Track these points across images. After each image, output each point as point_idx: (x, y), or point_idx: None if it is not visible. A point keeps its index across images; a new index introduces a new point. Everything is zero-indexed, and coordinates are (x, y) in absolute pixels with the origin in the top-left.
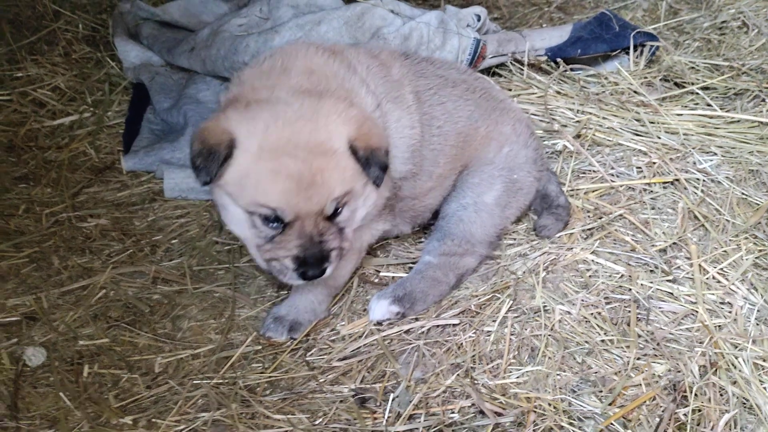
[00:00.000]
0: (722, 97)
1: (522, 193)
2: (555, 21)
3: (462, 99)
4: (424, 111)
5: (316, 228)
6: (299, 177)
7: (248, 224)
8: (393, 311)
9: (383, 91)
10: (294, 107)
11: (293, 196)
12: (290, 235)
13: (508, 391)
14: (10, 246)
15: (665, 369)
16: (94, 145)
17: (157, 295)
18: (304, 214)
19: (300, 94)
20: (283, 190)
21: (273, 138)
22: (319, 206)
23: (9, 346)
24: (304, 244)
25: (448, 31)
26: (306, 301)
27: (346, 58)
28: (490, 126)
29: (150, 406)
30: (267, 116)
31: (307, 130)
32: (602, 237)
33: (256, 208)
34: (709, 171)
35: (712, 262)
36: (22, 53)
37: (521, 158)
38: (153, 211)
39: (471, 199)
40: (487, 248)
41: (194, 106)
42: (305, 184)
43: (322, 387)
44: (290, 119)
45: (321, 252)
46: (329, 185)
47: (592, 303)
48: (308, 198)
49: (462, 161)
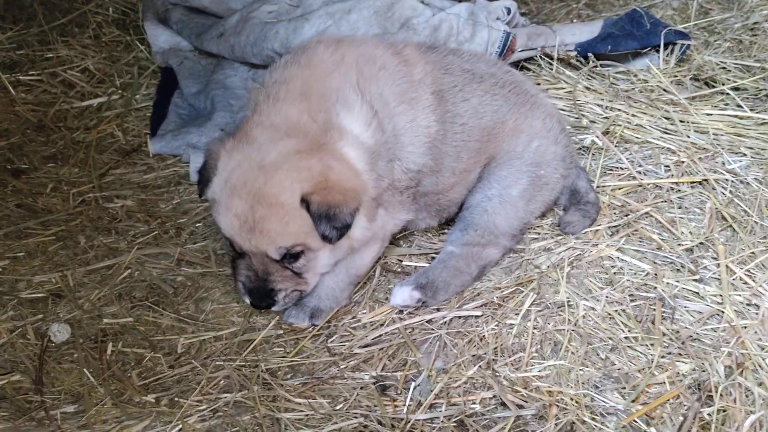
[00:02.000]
0: (753, 98)
1: (548, 188)
2: (583, 17)
3: (489, 94)
4: (447, 109)
5: (262, 266)
6: (244, 219)
7: (223, 241)
8: (415, 297)
9: (395, 92)
10: (261, 154)
11: (237, 233)
12: (242, 264)
13: (530, 385)
14: (38, 224)
15: (690, 368)
16: (122, 128)
17: (181, 276)
18: (251, 252)
19: (275, 141)
20: (230, 225)
21: (235, 177)
22: (260, 251)
23: (35, 321)
24: (250, 276)
25: (478, 23)
26: (327, 289)
27: (354, 65)
28: (519, 119)
29: (172, 385)
30: (240, 157)
31: (262, 180)
32: (628, 234)
33: (222, 231)
34: (737, 172)
35: (740, 263)
36: (53, 34)
37: (549, 154)
38: (178, 194)
39: (497, 191)
40: (509, 240)
41: (222, 91)
42: (247, 228)
43: (343, 373)
44: (253, 166)
45: (264, 289)
46: (271, 235)
47: (616, 300)
48: (249, 240)
49: (486, 154)
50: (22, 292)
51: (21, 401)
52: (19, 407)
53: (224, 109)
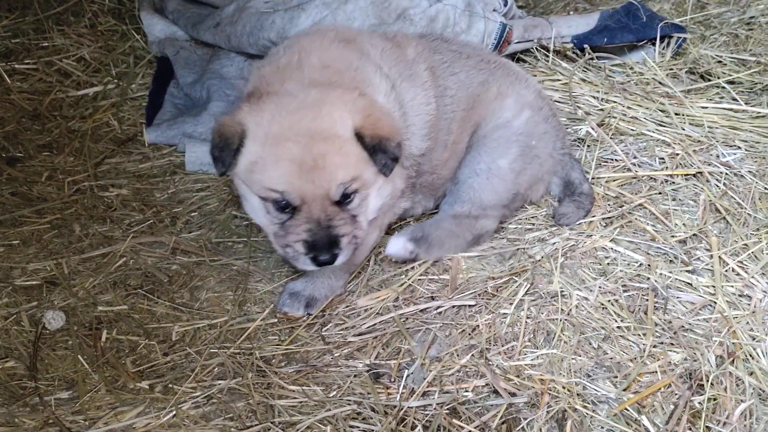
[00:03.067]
0: (748, 91)
1: (538, 162)
2: (580, 10)
3: (475, 69)
4: (439, 84)
5: (323, 212)
6: (301, 161)
7: (263, 211)
8: (408, 249)
9: (397, 71)
10: (299, 98)
11: (296, 179)
12: (299, 219)
13: (522, 373)
14: (33, 212)
15: (681, 357)
16: (118, 117)
17: (176, 265)
18: (310, 198)
19: (308, 87)
20: (286, 173)
21: (276, 126)
22: (323, 190)
23: (29, 309)
24: (313, 228)
25: (475, 14)
26: (323, 277)
27: (360, 45)
28: (503, 86)
29: (167, 372)
30: (273, 107)
31: (309, 117)
32: (622, 225)
33: (266, 194)
34: (732, 164)
35: (732, 254)
36: (48, 23)
37: (541, 129)
38: (173, 184)
39: (485, 164)
40: (500, 210)
41: (218, 81)
42: (307, 168)
43: (337, 361)
44: (293, 108)
45: (329, 236)
46: (331, 169)
47: (609, 290)
48: (311, 181)
49: (472, 121)
50: (17, 280)
51: (15, 387)
52: (13, 393)
53: (220, 99)
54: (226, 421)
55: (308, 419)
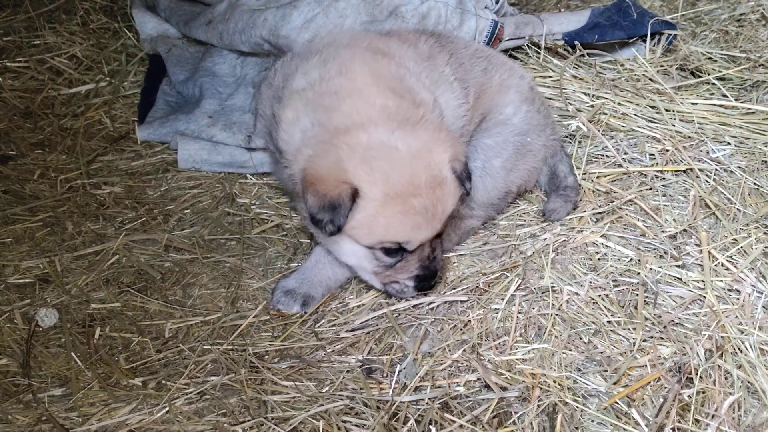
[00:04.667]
0: (738, 88)
1: (530, 155)
2: (571, 7)
3: (474, 57)
4: (457, 77)
5: (431, 249)
6: (424, 211)
7: (368, 258)
8: None
9: (430, 79)
10: (401, 148)
11: (421, 229)
12: (411, 261)
13: (513, 367)
14: (25, 210)
15: (671, 351)
16: (110, 115)
17: (169, 263)
18: (427, 240)
19: (398, 130)
20: (412, 225)
21: (395, 184)
22: (437, 230)
23: (22, 306)
24: (423, 264)
25: (466, 11)
26: (321, 276)
27: (396, 58)
28: (504, 75)
29: (160, 369)
30: (384, 164)
31: (422, 168)
32: (613, 221)
33: (380, 244)
34: (722, 160)
35: (722, 249)
36: (40, 21)
37: (535, 122)
38: (166, 181)
39: (480, 162)
40: (487, 210)
41: (210, 78)
42: (430, 216)
43: (330, 357)
44: (405, 162)
45: (435, 267)
46: (446, 211)
47: (600, 285)
48: (432, 226)
49: (480, 110)
50: (10, 278)
51: (8, 385)
52: (6, 390)
53: (212, 97)
54: (219, 416)
55: (301, 414)
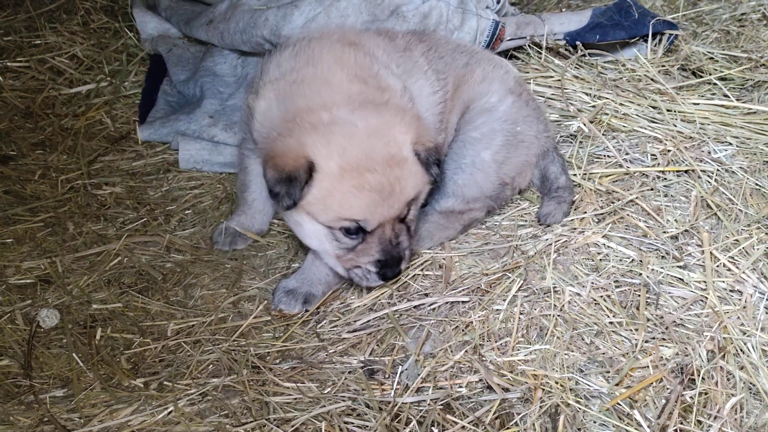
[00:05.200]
0: (739, 88)
1: (523, 147)
2: (572, 7)
3: (457, 52)
4: (433, 68)
5: (393, 232)
6: (381, 188)
7: (328, 238)
8: None
9: (403, 68)
10: (360, 126)
11: (377, 206)
12: (371, 242)
13: (515, 368)
14: (26, 210)
15: (673, 352)
16: (111, 115)
17: (170, 263)
18: (385, 222)
19: (359, 110)
20: (368, 202)
21: (351, 158)
22: (397, 212)
23: (23, 307)
24: (385, 248)
25: (467, 11)
26: (320, 273)
27: (365, 48)
28: (487, 69)
29: (161, 370)
30: (340, 139)
31: (380, 144)
32: (614, 221)
33: (339, 223)
34: (723, 161)
35: (724, 250)
36: (41, 21)
37: (524, 113)
38: (167, 182)
39: (469, 158)
40: (485, 201)
41: (210, 78)
42: (386, 194)
43: (332, 358)
44: (362, 137)
45: (399, 253)
46: (405, 191)
47: (602, 286)
48: (390, 206)
49: (460, 100)
50: (11, 278)
51: (10, 386)
52: (8, 392)
53: (213, 97)
54: (221, 418)
55: (303, 416)
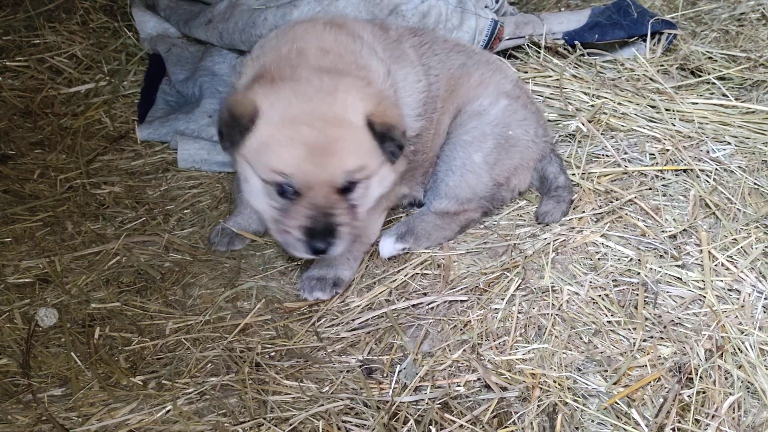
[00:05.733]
0: (738, 87)
1: (516, 151)
2: (571, 6)
3: (453, 51)
4: (423, 62)
5: (325, 199)
6: (313, 144)
7: (264, 195)
8: (398, 247)
9: (388, 54)
10: (314, 83)
11: (306, 162)
12: (301, 205)
13: (513, 367)
14: (25, 210)
15: (671, 351)
16: (110, 114)
17: (169, 263)
18: (315, 184)
19: (320, 72)
20: (297, 155)
21: (292, 109)
22: (330, 176)
23: (22, 306)
24: (314, 215)
25: (466, 10)
26: (343, 259)
27: (350, 29)
28: (485, 74)
29: (160, 369)
30: (289, 91)
31: (325, 102)
32: (613, 221)
33: (271, 176)
34: (722, 160)
35: (722, 249)
36: (40, 20)
37: (520, 116)
38: (166, 181)
39: (460, 160)
40: (479, 202)
41: (209, 78)
42: (318, 152)
43: (330, 357)
44: (310, 93)
45: (328, 224)
46: (341, 155)
47: (600, 285)
48: (321, 166)
49: (454, 103)
50: (9, 277)
51: (8, 384)
52: (6, 390)
53: (212, 96)
54: (220, 417)
55: (301, 414)
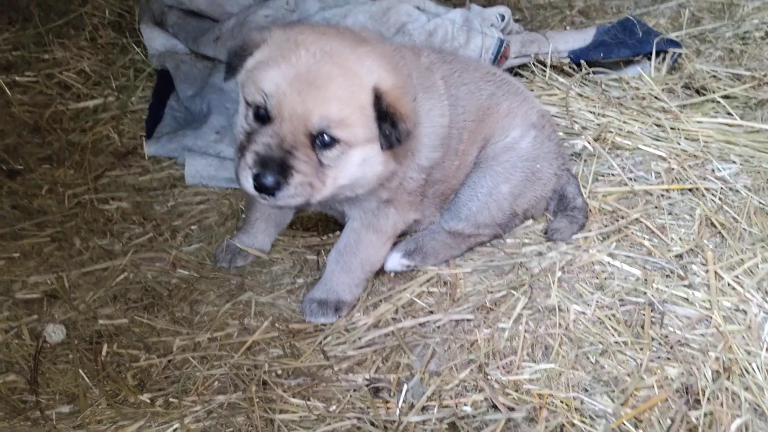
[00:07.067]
0: (743, 106)
1: (540, 183)
2: (576, 25)
3: (483, 80)
4: (451, 93)
5: (292, 135)
6: (302, 69)
7: (243, 118)
8: (404, 264)
9: (420, 81)
10: (339, 31)
11: (286, 83)
12: (266, 130)
13: (520, 387)
14: (33, 225)
15: (678, 372)
16: (118, 130)
17: (176, 279)
18: (287, 113)
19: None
20: (282, 75)
21: (302, 37)
22: (306, 111)
23: (30, 322)
24: (272, 144)
25: (473, 29)
26: (343, 284)
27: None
28: (513, 104)
29: (167, 386)
30: (304, 27)
31: (341, 45)
32: (619, 240)
33: (253, 97)
34: (727, 179)
35: (728, 269)
36: (49, 36)
37: (546, 149)
38: (173, 197)
39: (487, 188)
40: (494, 228)
41: (218, 95)
42: (304, 79)
43: (337, 375)
44: (329, 33)
45: (283, 161)
46: (326, 95)
47: (606, 304)
48: (301, 95)
49: (482, 134)
50: (18, 293)
51: (16, 401)
52: (14, 407)
53: (220, 113)
54: None
55: None
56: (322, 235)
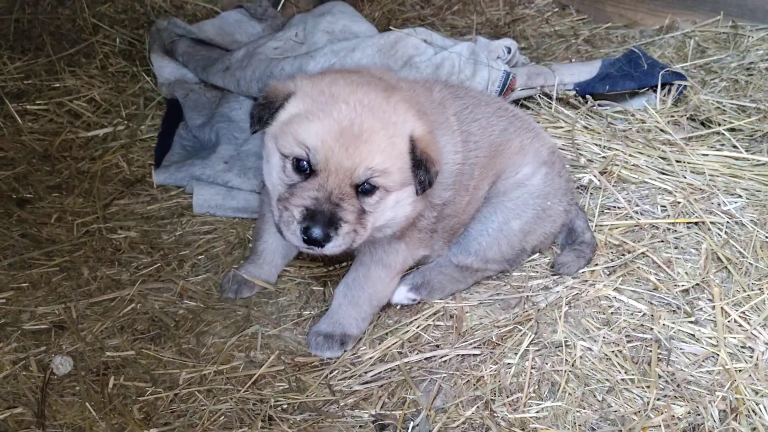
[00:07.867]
0: (748, 138)
1: (550, 220)
2: (582, 53)
3: (495, 116)
4: (463, 129)
5: (339, 188)
6: (347, 125)
7: (278, 169)
8: (410, 297)
9: (434, 117)
10: (371, 79)
11: (332, 139)
12: (312, 184)
13: (527, 426)
14: (42, 254)
15: (685, 411)
16: (127, 158)
17: (183, 310)
18: (334, 167)
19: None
20: (325, 129)
21: (336, 88)
22: (352, 164)
23: (37, 353)
24: (320, 198)
25: (479, 62)
26: (350, 318)
27: (407, 94)
28: (525, 141)
29: (173, 420)
30: (337, 76)
31: (378, 97)
32: (625, 274)
33: (291, 150)
34: (733, 213)
35: (735, 305)
36: (60, 65)
37: (556, 185)
38: (181, 226)
39: (497, 224)
40: (502, 264)
41: (226, 124)
42: (349, 135)
43: (343, 411)
44: (362, 83)
45: (333, 214)
46: (371, 148)
47: (613, 341)
48: (347, 150)
49: (494, 170)
50: (26, 324)
51: None
52: None
53: (228, 142)
54: None
55: None
56: (328, 267)
